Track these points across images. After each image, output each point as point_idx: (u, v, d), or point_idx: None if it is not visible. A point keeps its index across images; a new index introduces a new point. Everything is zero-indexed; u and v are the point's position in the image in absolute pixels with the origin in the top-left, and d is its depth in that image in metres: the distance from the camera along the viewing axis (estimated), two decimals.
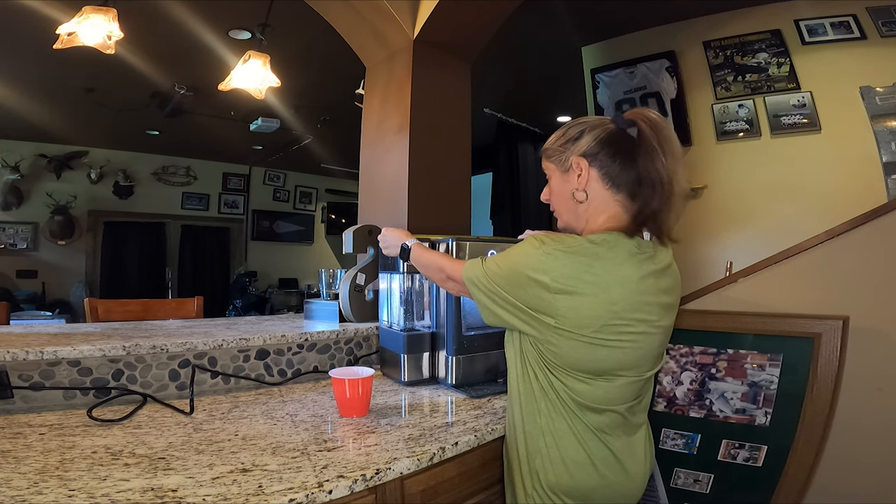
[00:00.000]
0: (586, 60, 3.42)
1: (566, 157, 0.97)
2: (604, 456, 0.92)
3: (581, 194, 0.96)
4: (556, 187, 1.02)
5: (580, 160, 0.95)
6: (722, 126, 2.85)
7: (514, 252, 0.93)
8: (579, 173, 0.95)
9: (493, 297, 0.94)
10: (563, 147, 0.99)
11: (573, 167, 0.96)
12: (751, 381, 1.50)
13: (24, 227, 5.46)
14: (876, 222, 1.38)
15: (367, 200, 2.17)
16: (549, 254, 0.87)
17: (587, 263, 0.86)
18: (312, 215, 7.70)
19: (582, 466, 0.91)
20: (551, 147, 1.02)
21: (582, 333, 0.85)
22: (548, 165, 1.04)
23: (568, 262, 0.86)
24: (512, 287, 0.91)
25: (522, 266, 0.89)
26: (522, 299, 0.89)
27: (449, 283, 1.09)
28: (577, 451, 0.91)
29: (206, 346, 1.33)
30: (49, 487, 0.73)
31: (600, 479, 0.92)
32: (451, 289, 1.11)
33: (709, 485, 1.55)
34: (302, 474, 0.80)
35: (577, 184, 0.96)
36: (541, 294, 0.87)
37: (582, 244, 0.87)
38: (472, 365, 1.39)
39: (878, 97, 2.44)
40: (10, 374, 1.11)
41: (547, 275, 0.86)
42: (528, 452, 0.96)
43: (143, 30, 2.92)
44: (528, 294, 0.88)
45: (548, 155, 1.03)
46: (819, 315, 1.39)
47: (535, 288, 0.87)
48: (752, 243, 2.65)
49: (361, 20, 2.04)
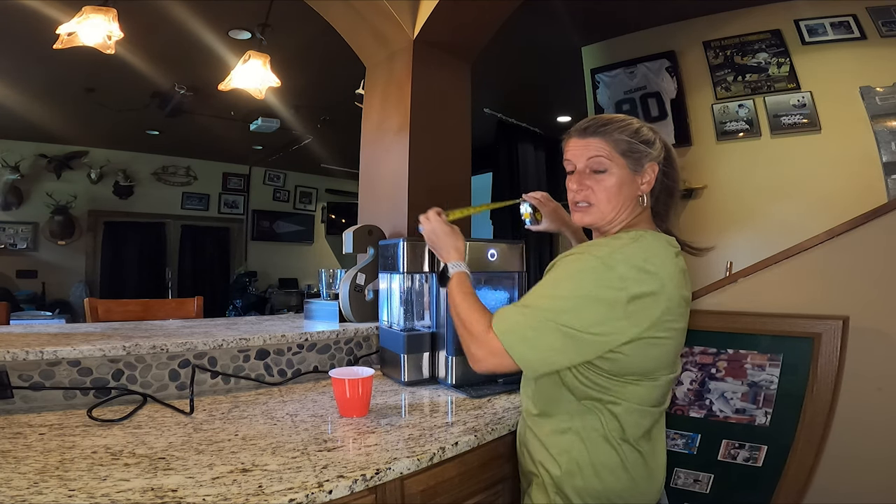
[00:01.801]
0: (586, 60, 3.42)
1: (641, 158, 0.94)
2: (634, 459, 0.91)
3: (643, 199, 0.96)
4: (622, 184, 0.93)
5: (655, 167, 0.95)
6: (722, 126, 2.85)
7: (570, 278, 0.84)
8: (648, 179, 0.95)
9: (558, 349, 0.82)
10: (641, 146, 0.93)
11: (647, 171, 0.94)
12: (751, 381, 1.50)
13: (24, 227, 5.46)
14: (876, 222, 1.38)
15: (367, 200, 2.17)
16: (610, 266, 0.82)
17: (643, 258, 0.84)
18: (312, 215, 7.70)
19: (612, 470, 0.90)
20: (626, 140, 0.93)
21: (641, 336, 0.82)
22: (615, 156, 0.93)
23: (630, 263, 0.83)
24: (586, 315, 0.81)
25: (591, 289, 0.82)
26: (595, 326, 0.81)
27: (476, 350, 0.86)
28: (608, 455, 0.89)
29: (206, 346, 1.33)
30: (49, 487, 0.73)
31: (629, 482, 0.91)
32: (479, 359, 0.86)
33: (709, 485, 1.55)
34: (302, 474, 0.80)
35: (641, 189, 0.95)
36: (616, 311, 0.81)
37: (629, 242, 0.86)
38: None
39: (878, 97, 2.45)
40: (10, 374, 1.11)
41: (623, 287, 0.81)
42: (553, 458, 0.93)
43: (143, 30, 2.92)
44: (602, 316, 0.81)
45: (620, 148, 0.93)
46: (819, 315, 1.39)
47: (611, 306, 0.81)
48: (752, 243, 2.65)
49: (361, 20, 2.04)
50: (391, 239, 1.53)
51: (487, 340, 0.85)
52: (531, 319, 0.82)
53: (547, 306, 0.83)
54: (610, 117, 0.96)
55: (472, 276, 1.06)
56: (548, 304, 0.83)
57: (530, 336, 0.82)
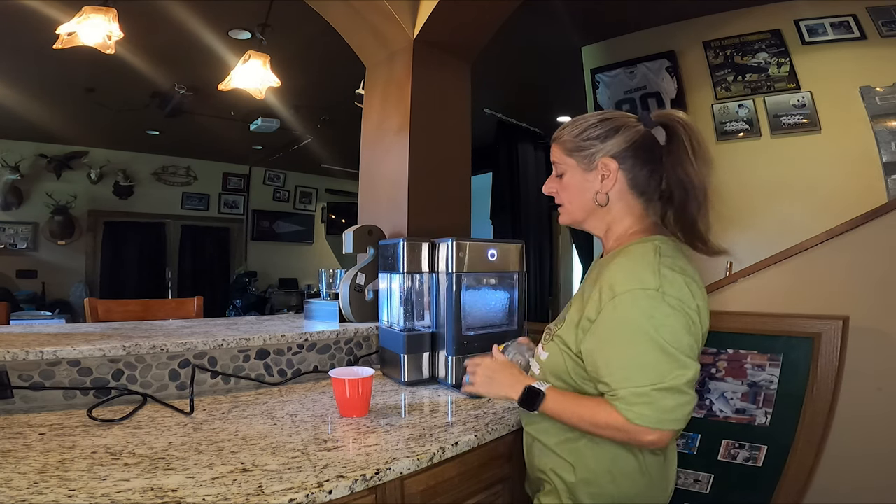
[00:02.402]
0: (586, 60, 3.42)
1: (592, 154, 0.91)
2: (653, 462, 0.90)
3: (603, 197, 0.92)
4: (574, 184, 0.94)
5: (609, 162, 0.90)
6: (722, 126, 2.85)
7: (639, 332, 0.80)
8: (606, 175, 0.91)
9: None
10: (589, 143, 0.91)
11: (599, 167, 0.91)
12: (751, 381, 1.50)
13: (24, 227, 5.46)
14: (876, 222, 1.38)
15: (367, 200, 2.17)
16: (662, 298, 0.80)
17: (684, 282, 0.83)
18: (312, 215, 7.70)
19: (629, 475, 0.89)
20: (572, 139, 0.93)
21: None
22: (563, 158, 0.95)
23: (680, 288, 0.81)
24: (683, 345, 0.80)
25: (670, 325, 0.80)
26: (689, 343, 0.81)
27: (643, 439, 0.81)
28: (626, 460, 0.89)
29: (206, 346, 1.33)
30: (49, 487, 0.73)
31: (645, 486, 0.90)
32: (654, 443, 0.81)
33: (709, 485, 1.55)
34: (302, 474, 0.80)
35: (600, 186, 0.91)
36: (691, 327, 0.82)
37: (670, 269, 0.83)
38: None
39: (878, 97, 2.44)
40: (10, 374, 1.11)
41: (694, 309, 0.82)
42: (568, 465, 0.92)
43: (143, 30, 2.92)
44: (686, 338, 0.80)
45: (567, 147, 0.94)
46: (819, 315, 1.39)
47: (686, 326, 0.81)
48: (752, 243, 2.65)
49: (361, 20, 2.04)
50: (391, 239, 1.53)
51: (638, 431, 0.79)
52: (653, 398, 0.78)
53: (652, 378, 0.78)
54: (571, 120, 0.96)
55: (472, 277, 1.05)
56: (653, 375, 0.78)
57: (661, 408, 0.78)
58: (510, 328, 1.48)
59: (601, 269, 0.90)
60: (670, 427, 0.79)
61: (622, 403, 0.79)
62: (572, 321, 0.91)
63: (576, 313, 0.91)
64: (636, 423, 0.78)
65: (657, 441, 0.80)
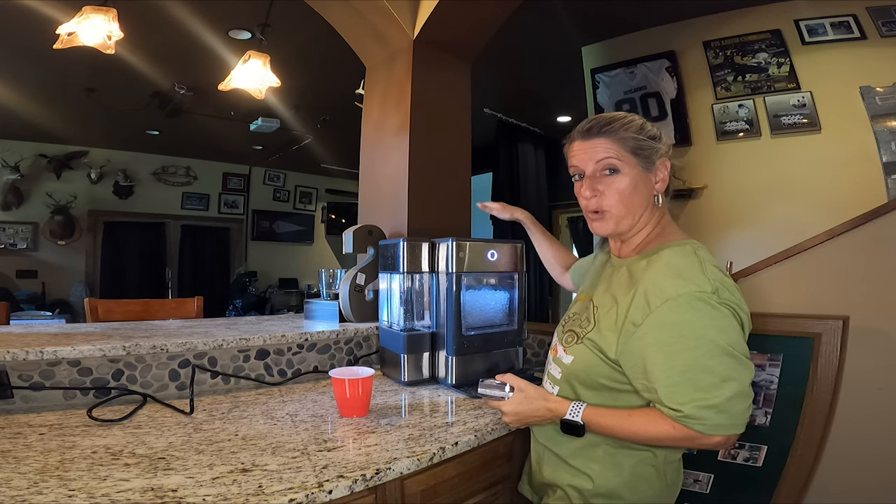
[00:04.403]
0: (586, 60, 3.42)
1: (650, 154, 0.89)
2: (669, 465, 0.91)
3: (657, 199, 0.91)
4: (636, 184, 0.88)
5: (666, 163, 0.91)
6: (722, 126, 2.85)
7: (704, 328, 0.78)
8: (662, 176, 0.90)
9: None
10: (648, 143, 0.88)
11: (659, 168, 0.90)
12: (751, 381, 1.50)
13: (24, 227, 5.46)
14: (876, 222, 1.38)
15: (367, 200, 2.17)
16: (720, 302, 0.78)
17: (735, 286, 0.83)
18: (312, 215, 7.70)
19: (647, 479, 0.89)
20: (632, 137, 0.88)
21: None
22: (624, 155, 0.88)
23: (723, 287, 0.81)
24: (739, 347, 0.79)
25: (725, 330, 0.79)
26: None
27: (706, 443, 0.80)
28: (647, 468, 0.89)
29: (206, 346, 1.33)
30: (49, 487, 0.73)
31: (661, 489, 0.90)
32: (720, 444, 0.81)
33: (709, 485, 1.55)
34: (302, 474, 0.80)
35: (656, 187, 0.91)
36: (742, 329, 0.82)
37: (721, 273, 0.82)
38: (472, 365, 1.39)
39: (878, 97, 2.44)
40: (10, 374, 1.11)
41: (746, 312, 0.82)
42: (583, 473, 0.91)
43: (143, 30, 2.92)
44: (741, 342, 0.81)
45: (628, 146, 0.88)
46: (819, 315, 1.39)
47: (738, 332, 0.81)
48: (752, 243, 2.65)
49: (361, 20, 2.04)
50: (391, 239, 1.54)
51: (708, 437, 0.78)
52: (725, 407, 0.76)
53: (719, 386, 0.76)
54: (611, 115, 0.91)
55: (472, 277, 1.04)
56: (720, 383, 0.76)
57: (734, 415, 0.77)
58: (510, 328, 1.48)
59: (633, 271, 0.88)
60: (740, 430, 0.78)
61: (693, 421, 0.77)
62: (610, 325, 0.86)
63: (612, 316, 0.86)
64: (709, 434, 0.77)
65: (725, 442, 0.79)
